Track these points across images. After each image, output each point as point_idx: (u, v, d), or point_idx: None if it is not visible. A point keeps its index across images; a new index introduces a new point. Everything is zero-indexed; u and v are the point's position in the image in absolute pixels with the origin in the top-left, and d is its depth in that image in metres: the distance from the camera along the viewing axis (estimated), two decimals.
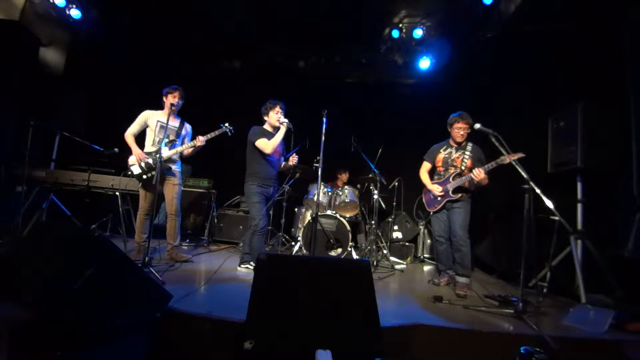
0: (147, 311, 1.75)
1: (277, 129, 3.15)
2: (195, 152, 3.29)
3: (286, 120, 3.10)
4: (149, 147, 3.17)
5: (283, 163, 3.35)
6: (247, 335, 1.41)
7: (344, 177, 4.88)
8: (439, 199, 3.04)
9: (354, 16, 4.23)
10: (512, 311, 2.25)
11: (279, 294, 1.56)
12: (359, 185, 4.51)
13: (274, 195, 3.23)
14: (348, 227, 3.76)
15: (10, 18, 3.75)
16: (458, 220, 2.92)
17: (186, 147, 3.17)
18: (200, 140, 3.14)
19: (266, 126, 3.22)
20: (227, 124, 3.26)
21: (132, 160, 3.10)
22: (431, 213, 3.16)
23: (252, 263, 3.08)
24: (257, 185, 3.05)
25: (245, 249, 3.15)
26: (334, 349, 1.37)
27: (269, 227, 4.05)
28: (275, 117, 3.14)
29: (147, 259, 2.54)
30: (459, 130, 2.97)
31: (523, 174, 2.33)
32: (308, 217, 4.10)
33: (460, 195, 2.94)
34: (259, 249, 2.98)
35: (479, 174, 2.73)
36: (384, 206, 4.52)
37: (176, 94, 3.14)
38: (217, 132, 3.21)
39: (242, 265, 3.12)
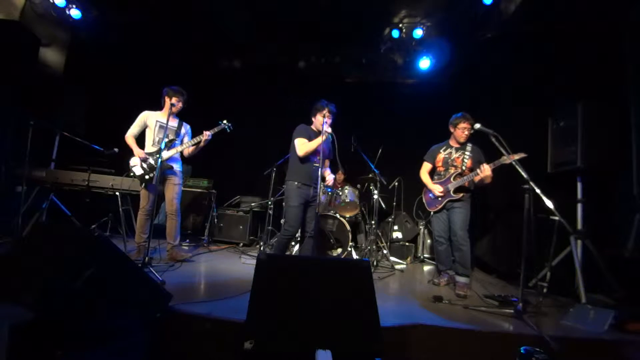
0: (147, 311, 1.75)
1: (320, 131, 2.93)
2: (198, 151, 3.28)
3: (328, 131, 2.81)
4: (149, 147, 3.17)
5: (326, 171, 3.09)
6: (247, 335, 1.41)
7: (339, 176, 4.87)
8: (439, 198, 3.04)
9: (354, 16, 4.23)
10: (512, 311, 2.24)
11: (279, 294, 1.55)
12: (359, 185, 4.52)
13: (314, 197, 2.93)
14: (348, 227, 3.76)
15: (10, 18, 3.74)
16: (458, 220, 2.92)
17: (189, 145, 3.17)
18: (207, 134, 3.13)
19: (313, 126, 3.03)
20: (225, 121, 3.27)
21: (133, 161, 3.10)
22: (431, 213, 3.16)
23: None
24: (297, 185, 2.85)
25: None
26: (334, 349, 1.37)
27: (269, 227, 4.05)
28: (320, 121, 2.89)
29: (147, 259, 2.54)
30: (463, 130, 2.97)
31: (523, 174, 2.34)
32: None
33: (461, 195, 2.94)
34: (282, 250, 2.92)
35: (485, 170, 2.72)
36: (384, 206, 4.52)
37: (179, 97, 3.13)
38: (216, 129, 3.22)
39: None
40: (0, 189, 3.46)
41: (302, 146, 2.85)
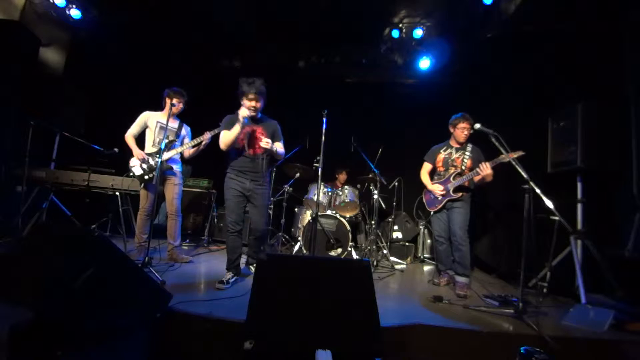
0: (147, 311, 1.75)
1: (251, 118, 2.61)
2: (198, 152, 3.27)
3: (243, 115, 2.51)
4: (149, 147, 3.17)
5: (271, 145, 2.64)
6: (247, 335, 1.41)
7: (342, 177, 4.88)
8: (439, 198, 3.04)
9: (354, 16, 4.23)
10: (512, 311, 2.25)
11: (279, 294, 1.55)
12: (359, 185, 4.51)
13: (253, 190, 2.68)
14: (348, 227, 3.75)
15: (10, 18, 3.74)
16: (458, 220, 2.92)
17: (190, 146, 3.16)
18: (207, 136, 3.10)
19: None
20: None
21: (133, 161, 3.10)
22: (431, 213, 3.16)
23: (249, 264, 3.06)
24: (230, 176, 2.68)
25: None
26: (334, 349, 1.37)
27: (269, 227, 4.04)
28: (243, 107, 2.57)
29: (147, 259, 2.54)
30: (462, 130, 2.97)
31: (523, 173, 2.33)
32: (308, 217, 4.10)
33: (461, 194, 2.94)
34: (230, 250, 2.69)
35: (485, 168, 2.71)
36: (384, 206, 4.52)
37: (180, 99, 3.12)
38: (217, 130, 3.20)
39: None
40: (0, 189, 3.46)
41: (222, 139, 2.63)
